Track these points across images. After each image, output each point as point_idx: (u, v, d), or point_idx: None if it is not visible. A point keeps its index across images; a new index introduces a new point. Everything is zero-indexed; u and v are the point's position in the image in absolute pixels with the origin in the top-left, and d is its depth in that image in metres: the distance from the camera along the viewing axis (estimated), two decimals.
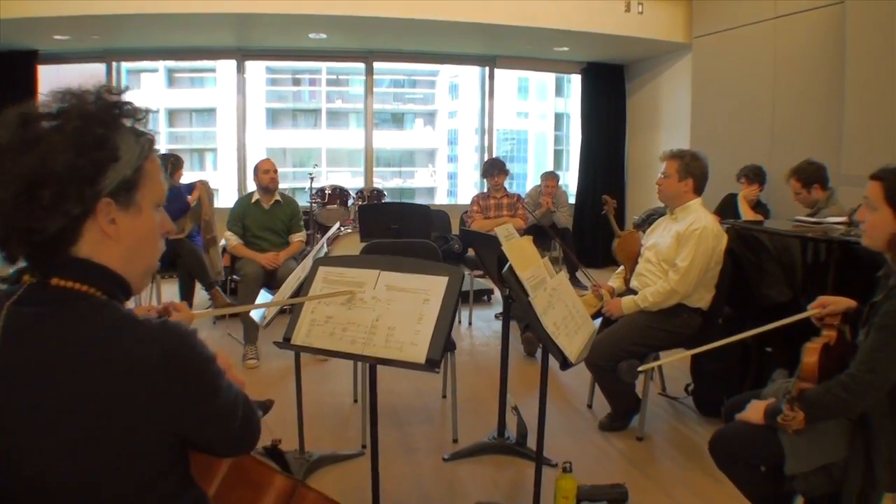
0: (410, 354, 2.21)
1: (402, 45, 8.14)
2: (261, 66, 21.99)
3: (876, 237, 2.09)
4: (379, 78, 24.15)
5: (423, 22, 6.69)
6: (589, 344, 2.41)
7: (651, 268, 3.63)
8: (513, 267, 2.24)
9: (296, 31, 7.14)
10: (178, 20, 6.54)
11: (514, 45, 7.93)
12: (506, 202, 5.92)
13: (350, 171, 24.26)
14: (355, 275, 2.46)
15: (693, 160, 3.58)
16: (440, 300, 2.27)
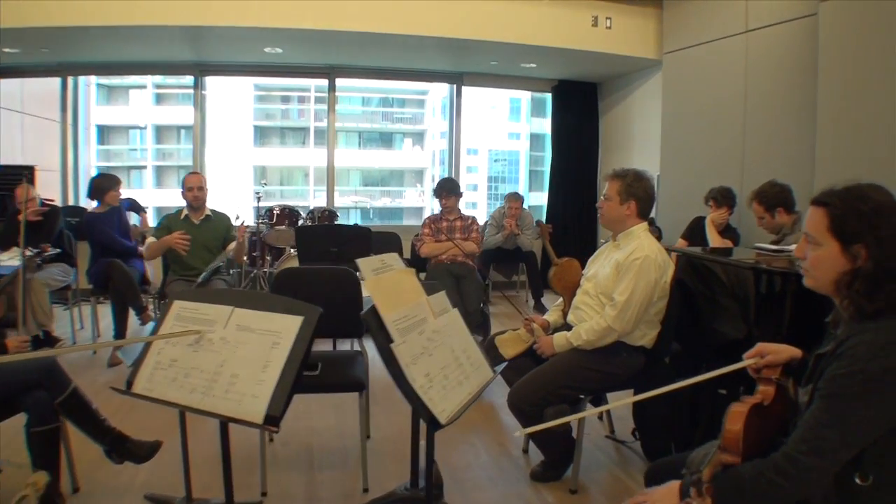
0: (249, 410, 1.88)
1: (364, 61, 7.84)
2: (249, 84, 21.86)
3: (820, 278, 1.68)
4: (369, 97, 24.15)
5: (383, 36, 6.41)
6: (476, 395, 2.05)
7: (588, 301, 3.25)
8: (375, 307, 1.87)
9: (250, 45, 6.85)
10: (129, 33, 6.27)
11: (480, 62, 7.63)
12: (459, 224, 5.56)
13: (338, 191, 24.08)
14: (208, 311, 2.13)
15: (636, 180, 3.21)
16: (290, 345, 1.93)
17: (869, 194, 1.60)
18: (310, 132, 23.21)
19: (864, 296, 1.57)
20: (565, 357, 3.14)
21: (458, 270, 5.38)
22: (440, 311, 2.17)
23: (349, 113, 22.82)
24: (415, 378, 1.83)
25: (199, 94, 8.00)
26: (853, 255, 1.59)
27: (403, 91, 22.51)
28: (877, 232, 1.56)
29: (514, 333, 3.43)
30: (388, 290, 1.98)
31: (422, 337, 1.96)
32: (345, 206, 23.47)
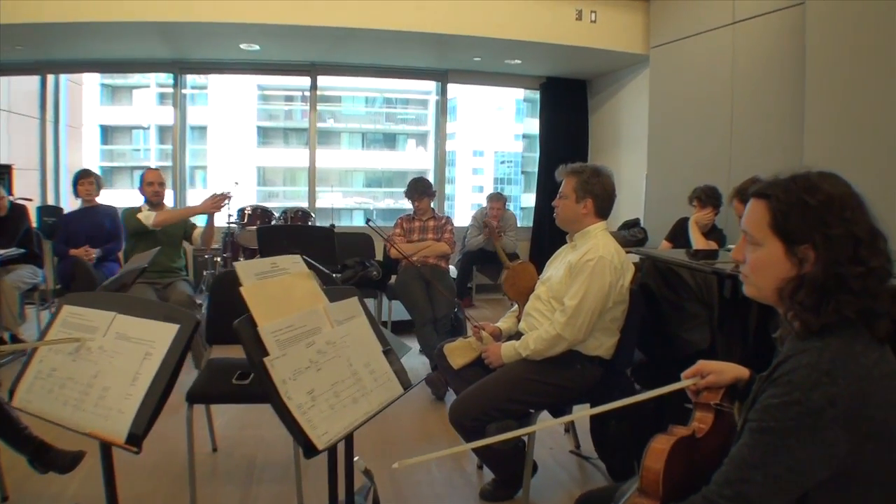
0: (113, 427, 1.70)
1: (346, 58, 7.68)
2: (252, 84, 21.77)
3: (761, 285, 1.41)
4: (372, 97, 24.02)
5: (363, 31, 6.27)
6: (374, 414, 1.87)
7: (540, 306, 3.03)
8: (251, 316, 1.69)
9: (225, 41, 6.71)
10: (105, 30, 6.18)
11: (464, 58, 7.46)
12: (431, 224, 5.37)
13: (341, 192, 23.94)
14: (93, 317, 1.96)
15: (593, 176, 2.99)
16: (162, 356, 1.76)
17: (819, 185, 1.33)
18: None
19: (809, 308, 1.30)
20: (513, 368, 2.93)
21: (429, 273, 5.18)
22: (344, 320, 1.98)
23: (353, 114, 22.71)
24: (292, 396, 1.64)
25: (178, 93, 7.89)
26: (799, 259, 1.33)
27: (407, 91, 22.32)
28: (826, 230, 1.29)
29: (463, 342, 3.23)
30: (271, 297, 1.80)
31: (310, 349, 1.78)
32: (348, 206, 23.38)
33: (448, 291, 5.14)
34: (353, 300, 2.14)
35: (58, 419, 1.80)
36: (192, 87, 21.99)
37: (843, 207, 1.30)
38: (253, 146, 23.08)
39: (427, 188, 5.36)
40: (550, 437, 3.76)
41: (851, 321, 1.27)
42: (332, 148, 23.58)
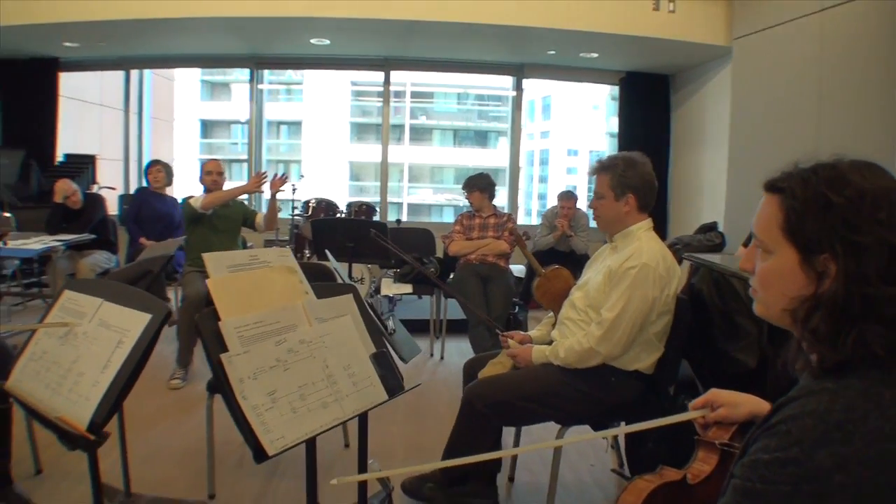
0: (78, 413, 1.70)
1: (419, 52, 7.64)
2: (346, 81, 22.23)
3: (770, 302, 1.10)
4: (464, 93, 24.00)
5: (435, 24, 6.21)
6: (346, 420, 1.78)
7: (574, 315, 2.75)
8: (216, 309, 1.64)
9: (295, 36, 6.79)
10: (180, 26, 6.40)
11: (538, 52, 7.26)
12: (492, 222, 5.25)
13: (432, 188, 24.11)
14: (84, 303, 1.98)
15: (629, 168, 2.68)
16: (132, 345, 1.73)
17: (848, 177, 1.01)
18: (405, 129, 23.37)
19: (824, 338, 0.99)
20: (541, 367, 2.71)
21: (487, 272, 5.07)
22: (328, 318, 1.90)
23: (445, 110, 22.82)
24: (248, 396, 1.57)
25: (254, 88, 8.06)
26: (817, 272, 1.01)
27: (498, 88, 22.22)
28: (852, 236, 0.98)
29: (493, 362, 3.02)
30: (240, 291, 1.74)
31: (279, 347, 1.70)
32: (438, 203, 23.51)
33: (505, 291, 5.01)
34: (346, 297, 2.06)
35: (37, 402, 1.81)
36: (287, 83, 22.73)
37: (877, 208, 0.97)
38: (346, 142, 23.59)
39: (480, 183, 5.25)
40: (594, 453, 3.54)
41: (879, 359, 0.95)
42: (423, 144, 23.80)
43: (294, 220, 6.56)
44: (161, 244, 4.34)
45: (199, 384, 4.37)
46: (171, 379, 4.42)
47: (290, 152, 23.80)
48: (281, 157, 23.31)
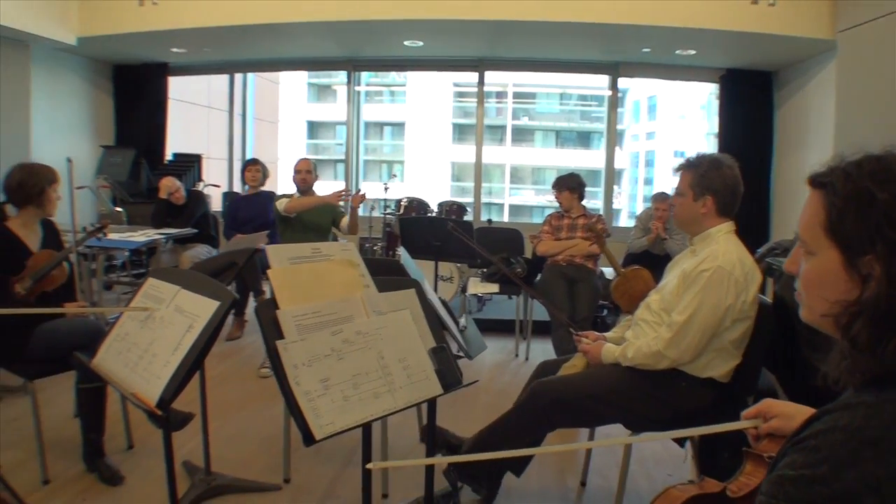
0: (150, 391, 1.82)
1: (513, 52, 7.63)
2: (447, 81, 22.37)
3: (814, 306, 1.03)
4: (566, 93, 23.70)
5: (528, 24, 6.19)
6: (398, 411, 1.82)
7: (648, 317, 2.68)
8: (275, 298, 1.72)
9: (389, 38, 6.96)
10: (281, 30, 6.68)
11: (632, 50, 7.11)
12: (582, 223, 5.19)
13: (534, 189, 23.95)
14: (163, 290, 2.12)
15: (712, 169, 2.59)
16: (200, 329, 1.84)
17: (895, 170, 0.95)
18: (507, 130, 23.33)
19: (865, 346, 0.91)
20: (612, 367, 2.65)
21: (574, 273, 5.02)
22: (386, 311, 1.95)
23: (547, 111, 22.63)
24: (301, 382, 1.64)
25: (351, 90, 8.29)
26: (862, 275, 0.93)
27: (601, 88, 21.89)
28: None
29: (566, 365, 2.94)
30: (299, 282, 1.82)
31: (335, 337, 1.77)
32: (540, 204, 23.34)
33: (592, 293, 4.95)
34: (409, 292, 2.11)
35: (116, 378, 1.95)
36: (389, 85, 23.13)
37: None
38: (447, 142, 23.79)
39: (570, 183, 5.20)
40: (672, 463, 3.45)
41: None
42: (525, 145, 23.69)
43: (386, 219, 6.71)
44: (247, 237, 4.55)
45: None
46: (261, 367, 4.62)
47: (392, 153, 24.25)
48: (384, 158, 23.80)
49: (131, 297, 2.25)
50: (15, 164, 3.25)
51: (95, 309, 4.65)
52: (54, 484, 2.98)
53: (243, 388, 4.32)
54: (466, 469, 2.77)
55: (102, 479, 3.01)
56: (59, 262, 3.19)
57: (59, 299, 3.23)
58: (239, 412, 3.91)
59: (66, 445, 3.28)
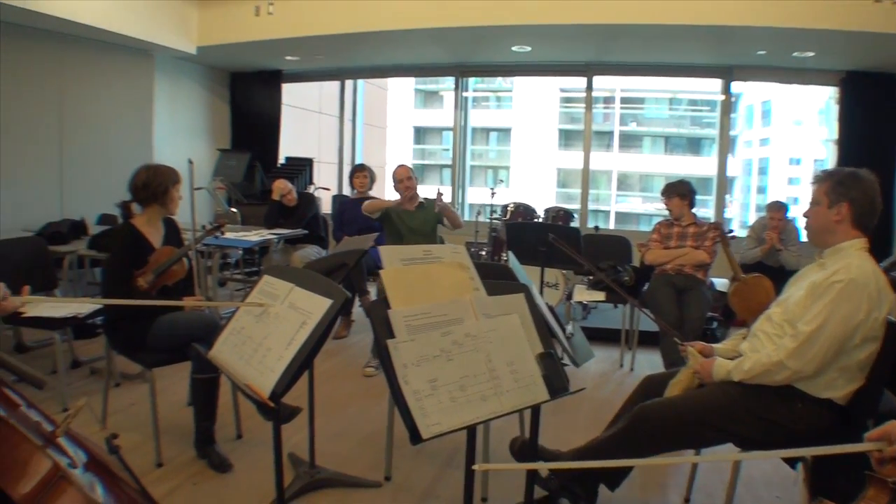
0: (263, 383, 1.88)
1: (621, 57, 7.47)
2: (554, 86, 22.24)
3: None
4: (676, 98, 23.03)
5: (638, 28, 6.06)
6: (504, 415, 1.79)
7: (769, 329, 2.54)
8: (387, 298, 1.73)
9: (497, 44, 6.96)
10: (391, 37, 6.82)
11: (746, 52, 6.81)
12: (692, 231, 5.01)
13: (642, 196, 23.42)
14: (278, 287, 2.19)
15: (850, 178, 2.43)
16: (313, 326, 1.88)
17: None
18: (614, 136, 22.92)
19: None
20: (720, 387, 2.51)
21: (683, 282, 4.84)
22: (495, 314, 1.93)
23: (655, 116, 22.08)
24: (410, 381, 1.65)
25: (458, 96, 8.33)
26: None
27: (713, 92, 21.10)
28: None
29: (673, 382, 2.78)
30: (411, 283, 1.83)
31: (444, 338, 1.76)
32: (647, 212, 22.81)
33: (701, 303, 4.76)
34: (518, 297, 2.08)
35: (231, 370, 2.02)
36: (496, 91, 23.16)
37: None
38: (554, 148, 23.62)
39: (678, 189, 5.03)
40: (782, 485, 3.25)
41: None
42: (633, 151, 23.19)
43: (492, 224, 6.72)
44: (356, 238, 4.62)
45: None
46: (366, 367, 4.71)
47: (498, 158, 24.30)
48: (490, 164, 23.89)
49: (246, 293, 2.33)
50: (141, 165, 3.43)
51: (212, 303, 4.88)
52: (167, 467, 3.14)
53: (348, 385, 4.41)
54: (565, 480, 2.71)
55: (212, 465, 3.14)
56: (180, 258, 3.35)
57: (179, 293, 3.40)
58: (343, 409, 3.99)
59: (178, 432, 3.45)
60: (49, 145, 6.68)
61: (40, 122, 6.58)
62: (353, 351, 5.21)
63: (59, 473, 1.39)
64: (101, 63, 7.07)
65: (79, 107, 6.89)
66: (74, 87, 6.85)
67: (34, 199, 6.49)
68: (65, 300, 4.47)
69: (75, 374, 4.47)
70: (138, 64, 7.43)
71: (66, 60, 6.74)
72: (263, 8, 6.87)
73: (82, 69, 6.91)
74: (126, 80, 7.36)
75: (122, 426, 3.51)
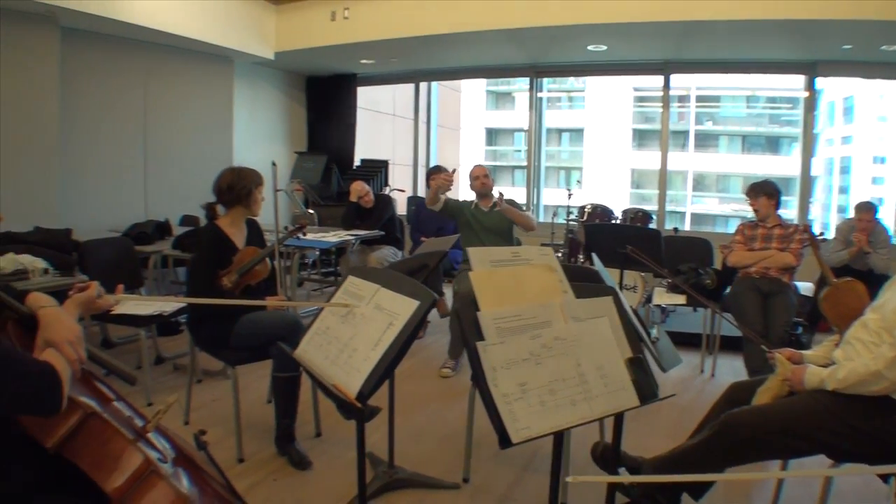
0: (350, 383, 1.90)
1: (700, 54, 7.26)
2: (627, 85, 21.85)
3: None
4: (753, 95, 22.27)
5: (717, 24, 5.87)
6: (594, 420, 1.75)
7: (865, 336, 2.42)
8: (476, 300, 1.71)
9: (572, 43, 6.88)
10: (464, 39, 6.83)
11: (830, 47, 6.52)
12: (777, 233, 4.81)
13: (718, 197, 22.78)
14: (363, 288, 2.21)
15: None
16: (400, 327, 1.88)
17: None
18: (689, 135, 22.37)
19: None
20: (812, 395, 2.40)
21: (767, 286, 4.67)
22: (584, 318, 1.90)
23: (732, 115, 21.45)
24: (499, 384, 1.63)
25: (533, 96, 8.28)
26: None
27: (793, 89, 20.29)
28: None
29: (761, 390, 2.63)
30: (500, 285, 1.80)
31: (534, 342, 1.74)
32: (724, 213, 22.17)
33: (787, 308, 4.58)
34: (606, 300, 2.04)
35: (317, 369, 2.05)
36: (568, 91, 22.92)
37: None
38: (627, 148, 23.22)
39: (765, 188, 4.85)
40: (874, 500, 3.07)
41: None
42: (709, 151, 22.59)
43: (569, 225, 6.64)
44: (438, 240, 4.64)
45: (467, 375, 4.58)
46: (443, 367, 4.72)
47: (570, 159, 24.06)
48: (562, 165, 23.66)
49: (323, 293, 2.35)
50: (225, 167, 3.51)
51: (294, 303, 4.97)
52: (248, 463, 3.21)
53: (425, 386, 4.43)
54: (648, 488, 2.64)
55: (292, 462, 3.19)
56: (263, 258, 3.42)
57: (262, 293, 3.46)
58: (421, 409, 4.00)
59: (259, 428, 3.53)
60: (134, 149, 6.94)
61: (125, 128, 6.85)
62: (429, 352, 5.23)
63: (151, 468, 1.43)
64: (184, 70, 7.32)
65: (162, 112, 7.14)
66: (158, 93, 7.10)
67: (120, 201, 6.76)
68: (153, 299, 4.62)
69: (159, 369, 4.63)
70: (219, 70, 7.66)
71: (150, 67, 7.00)
72: (339, 13, 6.98)
73: (165, 76, 7.17)
74: (207, 86, 7.59)
75: (205, 421, 3.60)
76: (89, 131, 6.43)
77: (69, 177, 6.16)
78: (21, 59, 5.61)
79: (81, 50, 6.26)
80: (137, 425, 1.59)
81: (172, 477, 1.48)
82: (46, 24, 5.72)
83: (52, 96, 5.85)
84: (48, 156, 5.86)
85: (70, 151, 6.16)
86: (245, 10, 7.25)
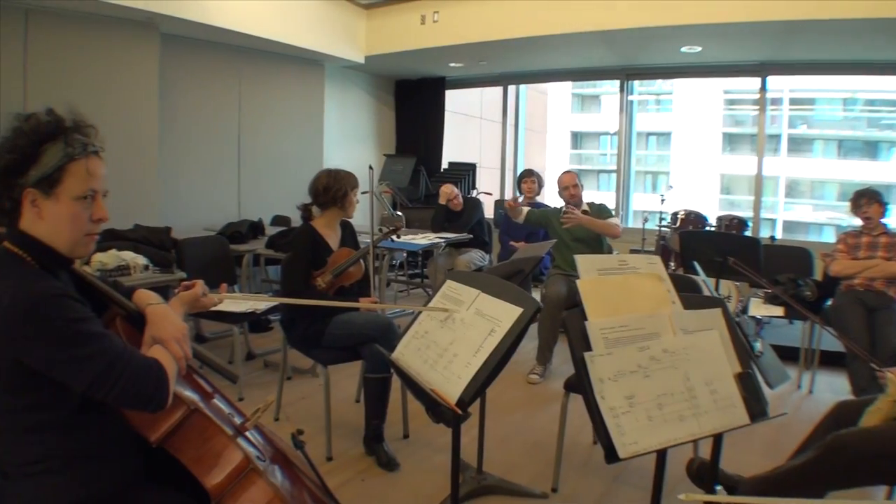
0: (450, 390, 1.89)
1: (799, 55, 6.94)
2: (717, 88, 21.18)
3: None
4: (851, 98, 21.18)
5: (816, 23, 5.60)
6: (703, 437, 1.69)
7: None
8: (583, 309, 1.68)
9: (665, 45, 6.69)
10: (551, 42, 6.77)
11: None
12: (883, 241, 4.56)
13: (812, 204, 21.81)
14: (462, 293, 2.21)
15: None
16: (503, 334, 1.87)
17: None
18: (782, 140, 21.49)
19: None
20: None
21: (873, 300, 4.43)
22: (693, 330, 1.83)
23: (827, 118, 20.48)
24: (606, 396, 1.59)
25: (624, 99, 8.11)
26: None
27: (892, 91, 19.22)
28: None
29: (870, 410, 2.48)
30: (608, 294, 1.76)
31: (641, 354, 1.69)
32: (818, 221, 21.22)
33: (895, 325, 4.33)
34: (715, 311, 1.97)
35: (415, 374, 2.05)
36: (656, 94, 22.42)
37: None
38: (717, 153, 22.52)
39: (877, 196, 4.60)
40: None
41: None
42: (803, 156, 21.67)
43: (661, 232, 6.48)
44: (533, 246, 4.59)
45: (554, 382, 4.56)
46: (530, 374, 4.67)
47: (657, 164, 23.52)
48: (649, 169, 23.15)
49: (427, 297, 2.36)
50: (317, 169, 3.57)
51: (387, 304, 5.02)
52: (337, 461, 3.25)
53: (513, 392, 4.39)
54: None
55: (380, 462, 3.22)
56: (357, 260, 3.46)
57: (355, 294, 3.51)
58: (509, 415, 3.98)
59: (348, 427, 3.57)
60: (228, 151, 7.15)
61: (220, 130, 7.06)
62: (516, 357, 5.14)
63: (250, 465, 1.46)
64: (276, 73, 7.50)
65: (255, 114, 7.33)
66: (251, 96, 7.30)
67: (215, 201, 6.98)
68: (252, 297, 4.75)
69: (249, 365, 4.76)
70: (310, 73, 7.82)
71: (244, 71, 7.20)
72: (429, 16, 7.03)
73: (259, 79, 7.35)
74: (298, 89, 7.76)
75: (294, 419, 3.69)
76: (186, 133, 6.66)
77: (167, 177, 6.38)
78: (124, 64, 5.86)
79: (179, 55, 6.50)
80: (236, 422, 1.62)
81: (270, 475, 1.50)
82: (148, 31, 5.95)
83: (153, 100, 6.08)
84: (148, 156, 6.09)
85: (167, 152, 6.39)
86: (336, 14, 7.39)
